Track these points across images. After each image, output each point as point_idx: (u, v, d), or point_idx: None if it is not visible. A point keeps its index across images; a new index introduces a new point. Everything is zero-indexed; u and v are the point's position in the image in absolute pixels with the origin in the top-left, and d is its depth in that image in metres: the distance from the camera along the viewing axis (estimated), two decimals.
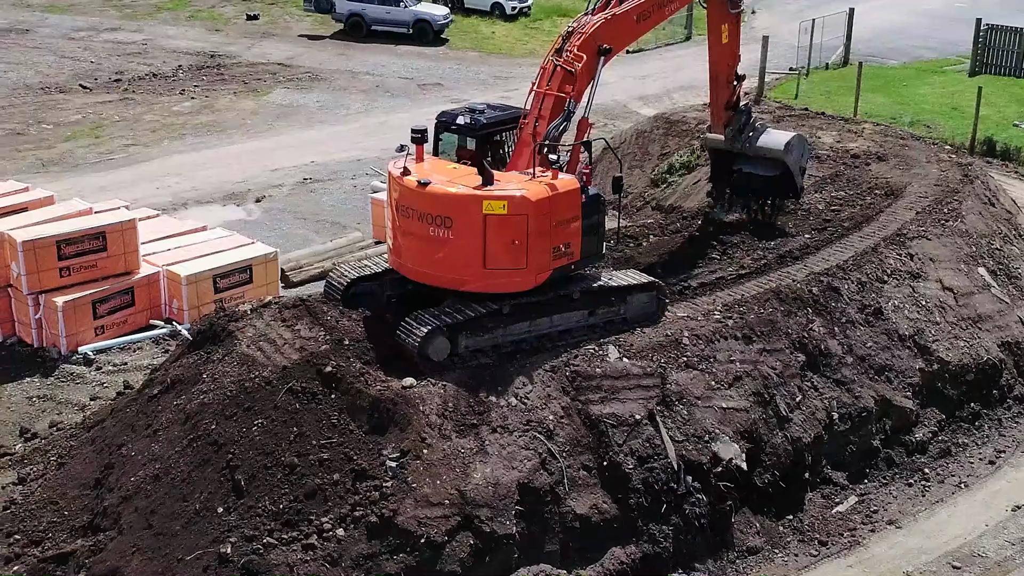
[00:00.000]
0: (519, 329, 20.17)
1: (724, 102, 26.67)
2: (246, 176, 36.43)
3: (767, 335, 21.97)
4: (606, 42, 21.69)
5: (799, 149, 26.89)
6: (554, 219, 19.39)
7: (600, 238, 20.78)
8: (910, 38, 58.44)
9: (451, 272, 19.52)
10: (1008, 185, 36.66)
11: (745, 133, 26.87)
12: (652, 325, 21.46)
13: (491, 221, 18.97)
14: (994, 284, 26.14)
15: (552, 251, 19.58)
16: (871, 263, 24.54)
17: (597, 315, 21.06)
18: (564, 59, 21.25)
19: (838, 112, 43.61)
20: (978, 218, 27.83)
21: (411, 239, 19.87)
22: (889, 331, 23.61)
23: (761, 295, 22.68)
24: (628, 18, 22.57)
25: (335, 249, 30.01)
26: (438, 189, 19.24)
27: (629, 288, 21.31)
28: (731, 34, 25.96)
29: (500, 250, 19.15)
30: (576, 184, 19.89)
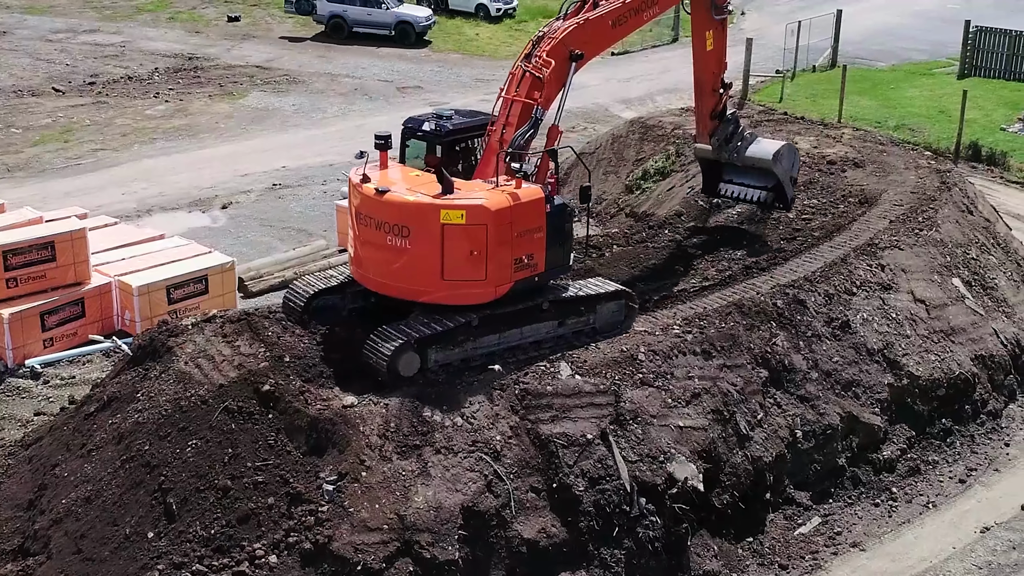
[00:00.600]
0: (489, 341, 19.66)
1: (709, 111, 26.03)
2: (215, 181, 35.74)
3: (728, 350, 21.26)
4: (578, 47, 21.07)
5: (789, 158, 26.24)
6: (516, 229, 18.88)
7: (567, 249, 20.23)
8: (900, 40, 57.73)
9: (409, 283, 19.05)
10: (992, 191, 36.04)
11: (733, 143, 26.20)
12: (621, 334, 20.96)
13: (449, 231, 18.49)
14: (968, 295, 25.43)
15: (514, 262, 19.08)
16: (840, 274, 23.84)
17: (567, 325, 20.56)
18: (533, 64, 20.69)
19: (823, 116, 42.95)
20: (954, 227, 27.12)
21: (370, 248, 19.37)
22: (857, 345, 22.90)
23: (723, 308, 21.97)
24: (602, 23, 21.93)
25: (297, 258, 29.32)
26: (395, 197, 18.75)
27: (598, 297, 20.76)
28: (716, 40, 25.28)
29: (458, 261, 18.65)
30: (540, 193, 19.33)
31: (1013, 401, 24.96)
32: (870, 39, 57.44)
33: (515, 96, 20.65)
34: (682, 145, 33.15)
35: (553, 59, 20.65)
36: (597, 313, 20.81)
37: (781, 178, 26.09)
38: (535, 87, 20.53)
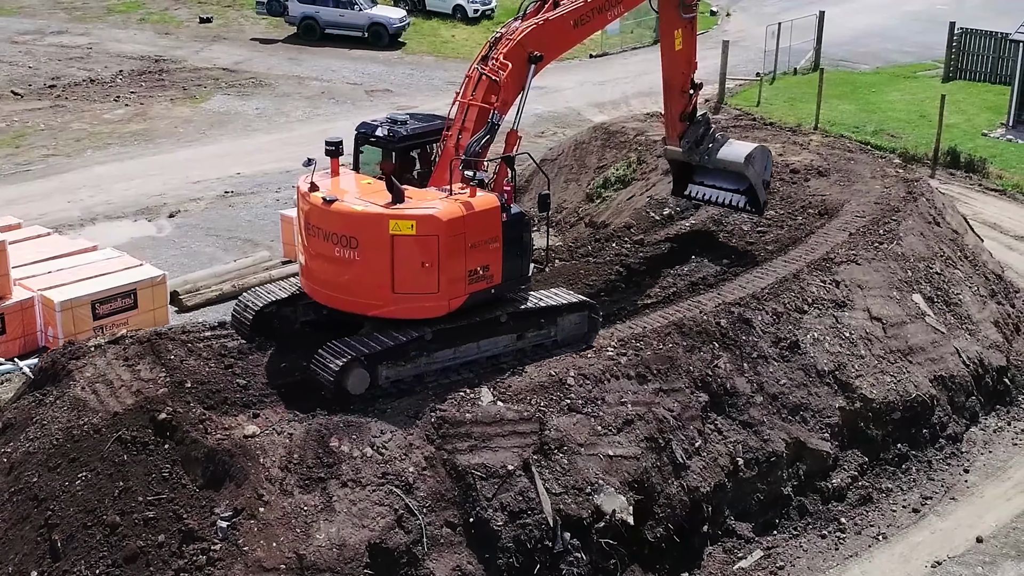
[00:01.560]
0: (443, 356, 18.94)
1: (679, 113, 25.11)
2: (166, 189, 34.67)
3: (665, 373, 20.12)
4: (537, 49, 20.25)
5: (761, 161, 25.27)
6: (469, 240, 18.21)
7: (525, 260, 19.47)
8: (887, 41, 56.57)
9: (358, 296, 18.32)
10: (969, 199, 34.96)
11: (704, 145, 25.22)
12: (586, 348, 20.22)
13: (399, 242, 17.76)
14: (929, 312, 24.26)
15: (468, 274, 18.38)
16: (791, 291, 22.70)
17: (526, 339, 19.79)
18: (489, 67, 19.91)
19: (799, 120, 41.89)
20: (918, 239, 25.96)
21: (318, 260, 18.61)
22: (806, 366, 21.76)
23: (662, 329, 20.84)
24: (564, 23, 21.07)
25: (237, 270, 28.20)
26: (343, 207, 18.06)
27: (559, 309, 20.02)
28: (685, 40, 24.37)
29: (409, 273, 17.94)
30: (495, 202, 18.60)
31: (975, 424, 23.80)
32: (856, 41, 56.29)
33: (471, 100, 19.86)
34: (644, 152, 32.06)
35: (511, 61, 19.87)
36: (558, 325, 20.08)
37: (753, 182, 25.07)
38: (491, 91, 19.78)
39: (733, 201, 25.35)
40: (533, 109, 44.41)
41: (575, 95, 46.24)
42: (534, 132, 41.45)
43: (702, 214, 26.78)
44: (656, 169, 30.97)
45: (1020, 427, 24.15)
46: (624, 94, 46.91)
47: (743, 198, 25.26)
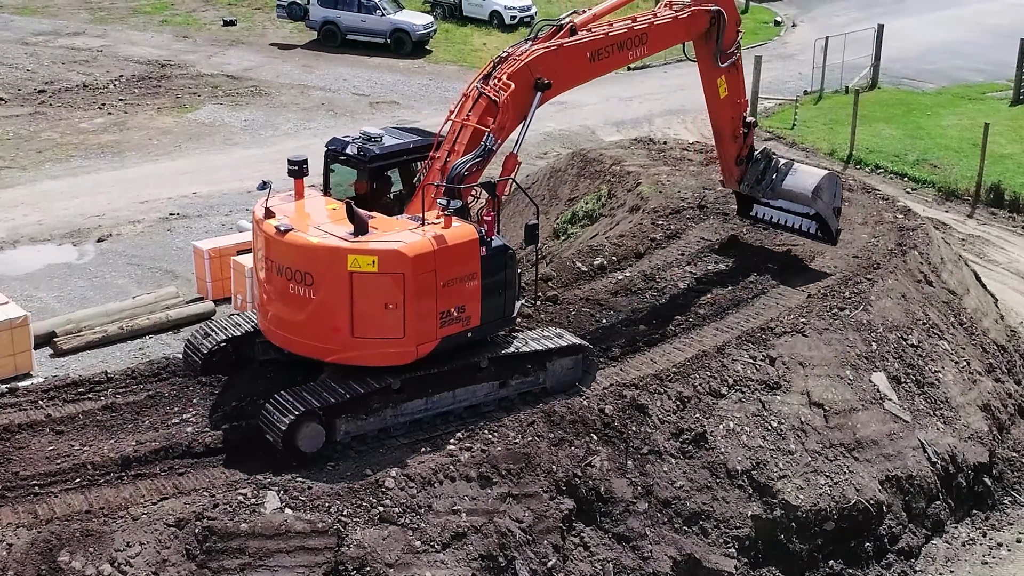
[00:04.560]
0: (414, 408, 16.91)
1: (733, 158, 22.97)
2: (108, 208, 32.00)
3: (518, 474, 16.54)
4: (545, 76, 18.30)
5: (830, 190, 22.73)
6: (441, 277, 16.26)
7: (508, 299, 17.32)
8: (959, 57, 51.66)
9: (314, 339, 16.41)
10: (1006, 245, 30.70)
11: (767, 179, 22.87)
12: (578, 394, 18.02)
13: (358, 280, 15.84)
14: (891, 396, 20.22)
15: (439, 316, 16.38)
16: (707, 370, 18.90)
17: (511, 386, 17.77)
18: (490, 86, 17.88)
19: (834, 147, 37.78)
20: (894, 304, 21.88)
21: (272, 297, 16.80)
22: (714, 464, 17.96)
23: (523, 418, 17.24)
24: (579, 54, 18.98)
25: (131, 308, 25.22)
26: (297, 238, 16.18)
27: (548, 353, 17.85)
28: (730, 86, 22.22)
29: (371, 315, 16.00)
30: (473, 234, 16.61)
31: (938, 534, 19.72)
32: (924, 56, 51.55)
33: (465, 120, 17.80)
34: (616, 185, 28.33)
35: (514, 83, 17.84)
36: (548, 371, 18.03)
37: (823, 213, 22.69)
38: (489, 112, 17.77)
39: (803, 227, 23.25)
40: (544, 127, 41.02)
41: (595, 112, 42.53)
42: (536, 152, 38.05)
43: (643, 265, 22.99)
44: (624, 205, 27.29)
45: (998, 539, 19.97)
46: (649, 112, 43.03)
47: (813, 224, 23.07)
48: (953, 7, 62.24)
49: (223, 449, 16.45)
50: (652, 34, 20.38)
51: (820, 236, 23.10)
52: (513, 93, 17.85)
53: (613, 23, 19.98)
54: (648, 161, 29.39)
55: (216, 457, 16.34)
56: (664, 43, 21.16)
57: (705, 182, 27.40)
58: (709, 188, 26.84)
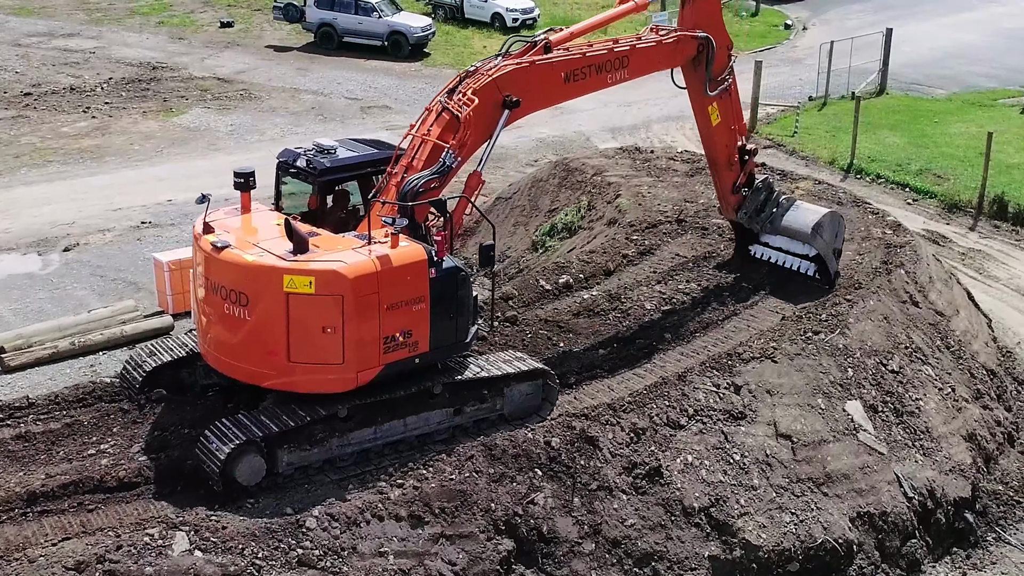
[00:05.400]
0: (362, 437, 16.03)
1: (729, 187, 21.78)
2: (79, 216, 31.08)
3: (452, 513, 15.50)
4: (514, 93, 17.43)
5: (831, 229, 21.68)
6: (385, 300, 15.37)
7: (461, 324, 16.43)
8: (973, 62, 50.27)
9: (251, 363, 15.59)
10: (1008, 260, 29.55)
11: (767, 212, 21.82)
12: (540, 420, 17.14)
13: (295, 302, 15.03)
14: (867, 426, 19.07)
15: (383, 342, 15.44)
16: (665, 399, 17.81)
17: (465, 413, 16.91)
18: (454, 101, 16.98)
19: (835, 155, 36.53)
20: (875, 326, 20.72)
21: (209, 318, 16.03)
22: (669, 501, 16.88)
23: (462, 452, 16.17)
24: (552, 73, 18.06)
25: (85, 323, 24.27)
26: (232, 256, 15.42)
27: (505, 379, 17.02)
28: (723, 113, 21.20)
29: (307, 339, 15.16)
30: (421, 255, 15.71)
31: (914, 575, 18.46)
32: (936, 61, 50.20)
33: (425, 135, 16.98)
34: (596, 196, 27.22)
35: (479, 98, 17.00)
36: (506, 397, 17.16)
37: (823, 253, 21.51)
38: (450, 127, 16.96)
39: (801, 268, 22.12)
40: (537, 133, 39.96)
41: (591, 117, 41.41)
42: (526, 160, 36.98)
43: (611, 283, 21.91)
44: (603, 218, 26.21)
45: None
46: (648, 118, 41.87)
47: (812, 265, 21.92)
48: (970, 10, 60.87)
49: (139, 483, 15.47)
50: (634, 58, 19.36)
51: (818, 278, 21.95)
52: (477, 109, 16.96)
53: (593, 43, 18.94)
54: (631, 171, 28.30)
55: (131, 492, 15.38)
56: (647, 68, 20.03)
57: (687, 194, 26.30)
58: (690, 201, 25.76)
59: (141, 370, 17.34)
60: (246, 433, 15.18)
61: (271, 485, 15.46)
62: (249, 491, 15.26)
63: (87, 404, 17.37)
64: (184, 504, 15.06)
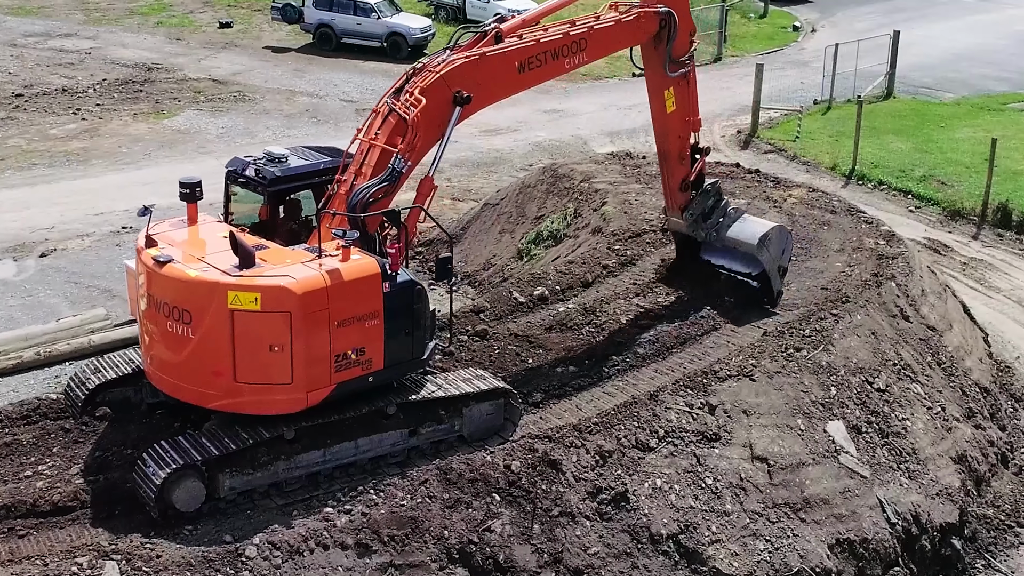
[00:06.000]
0: (311, 459, 15.31)
1: (678, 183, 20.79)
2: (60, 220, 30.49)
3: (402, 541, 14.76)
4: (465, 89, 16.57)
5: (779, 244, 20.79)
6: (336, 316, 14.71)
7: (417, 340, 15.81)
8: (984, 65, 49.34)
9: (195, 383, 14.95)
10: (1012, 270, 28.85)
11: (713, 219, 20.87)
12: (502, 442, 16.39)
13: (240, 319, 14.37)
14: (849, 448, 18.25)
15: (334, 360, 14.81)
16: (635, 419, 17.04)
17: (422, 435, 16.21)
18: (401, 102, 16.17)
19: (837, 160, 35.68)
20: (862, 342, 19.89)
21: (152, 336, 15.37)
22: (635, 528, 16.11)
23: (415, 476, 15.41)
24: (505, 64, 17.16)
25: (53, 332, 23.64)
26: (174, 271, 14.74)
27: (465, 398, 16.38)
28: (679, 99, 20.24)
29: (253, 358, 14.51)
30: (374, 268, 15.08)
31: None
32: (946, 64, 49.29)
33: (372, 139, 16.21)
34: (582, 203, 26.46)
35: (427, 98, 16.18)
36: (465, 417, 16.52)
37: (767, 268, 20.59)
38: (398, 131, 16.14)
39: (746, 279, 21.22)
40: (534, 136, 39.25)
41: (590, 120, 40.66)
42: (521, 164, 36.27)
43: (588, 296, 21.14)
44: (588, 226, 25.45)
45: None
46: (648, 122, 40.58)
47: (756, 283, 20.85)
48: (983, 12, 59.94)
49: (75, 507, 14.78)
50: (592, 39, 18.51)
51: (763, 300, 20.95)
52: (425, 109, 16.14)
53: (548, 28, 18.13)
54: (620, 178, 27.52)
55: (65, 517, 14.68)
56: (607, 49, 19.26)
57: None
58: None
59: (84, 388, 16.63)
60: (184, 457, 14.46)
61: (212, 510, 14.73)
62: (188, 517, 14.51)
63: (31, 421, 16.70)
64: (120, 530, 14.35)
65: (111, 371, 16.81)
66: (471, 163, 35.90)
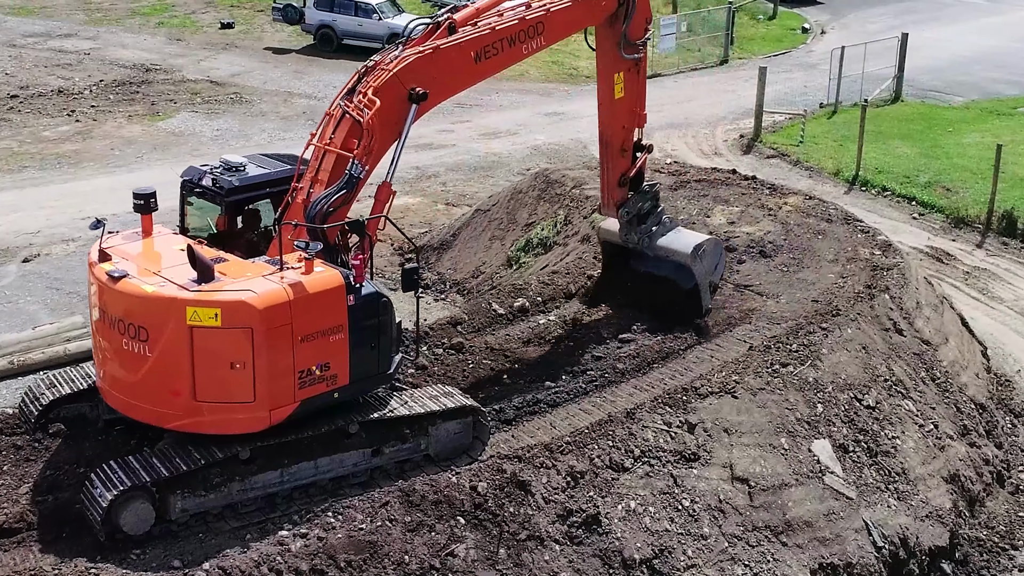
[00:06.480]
0: (267, 480, 14.76)
1: (617, 176, 20.16)
2: (47, 224, 30.04)
3: (359, 567, 14.21)
4: (420, 85, 16.01)
5: (712, 257, 20.34)
6: (299, 331, 14.21)
7: (384, 353, 15.29)
8: (995, 69, 48.57)
9: (152, 403, 14.40)
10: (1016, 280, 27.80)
11: (647, 225, 20.17)
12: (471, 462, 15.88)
13: (200, 336, 13.86)
14: (835, 468, 17.60)
15: (299, 376, 14.31)
16: (609, 438, 16.41)
17: (385, 454, 15.65)
18: (354, 104, 15.49)
19: (840, 166, 35.00)
20: (851, 358, 19.26)
21: (106, 353, 14.85)
22: (607, 552, 15.51)
23: (376, 498, 14.83)
24: (461, 55, 16.59)
25: (28, 340, 23.14)
26: (129, 286, 14.19)
27: (431, 416, 15.80)
28: (628, 87, 19.64)
29: (215, 376, 14.02)
30: (338, 281, 14.57)
31: None
32: (956, 67, 48.52)
33: (327, 145, 15.67)
34: (573, 210, 25.88)
35: (380, 98, 15.58)
36: (431, 436, 15.94)
37: (699, 280, 19.94)
38: (354, 133, 15.58)
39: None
40: (532, 139, 38.63)
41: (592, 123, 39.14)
42: (518, 169, 35.61)
43: (570, 308, 20.54)
44: (577, 234, 24.88)
45: None
46: (649, 125, 39.24)
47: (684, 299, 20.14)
48: (997, 15, 59.11)
49: (21, 529, 14.26)
50: (550, 22, 17.97)
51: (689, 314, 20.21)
52: (380, 111, 15.57)
53: (504, 13, 17.51)
54: None
55: (10, 540, 14.17)
56: (565, 31, 18.75)
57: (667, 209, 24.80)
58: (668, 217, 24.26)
59: (38, 403, 16.10)
60: (133, 478, 13.92)
61: (163, 533, 14.18)
62: (136, 541, 13.97)
63: None
64: (66, 554, 13.82)
65: (66, 386, 16.28)
66: (468, 167, 35.31)
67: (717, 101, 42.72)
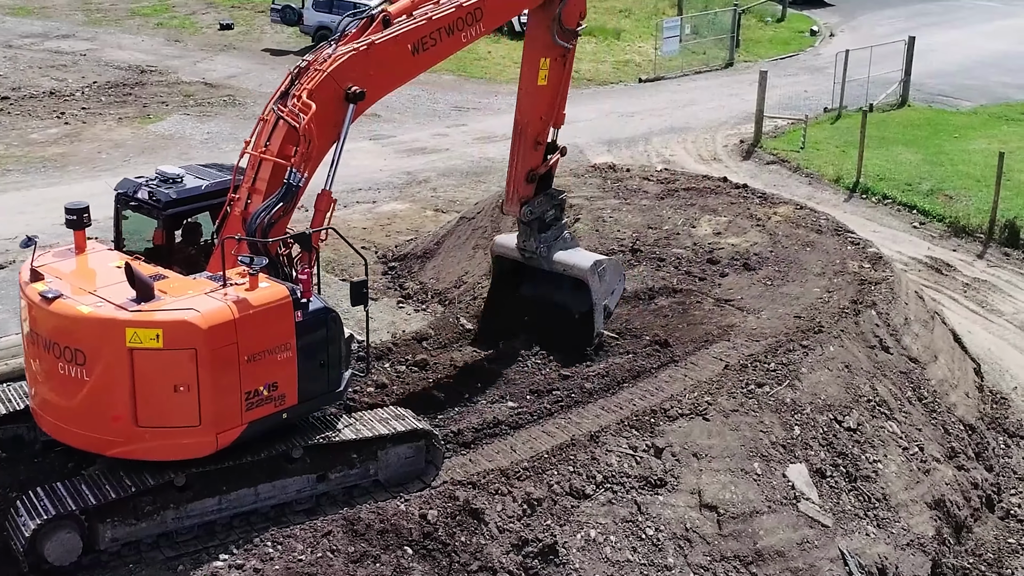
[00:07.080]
0: (205, 507, 14.12)
1: (526, 171, 19.31)
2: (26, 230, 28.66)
3: None
4: (357, 83, 15.33)
5: (612, 277, 19.12)
6: (245, 350, 13.61)
7: (334, 370, 14.76)
8: (1006, 73, 47.68)
9: (91, 429, 13.68)
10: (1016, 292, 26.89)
11: (549, 234, 19.14)
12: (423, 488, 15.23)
13: (140, 358, 13.19)
14: (811, 494, 16.84)
15: (245, 397, 13.74)
16: (570, 463, 15.70)
17: (331, 480, 14.96)
18: (288, 109, 14.93)
19: (841, 173, 34.18)
20: (833, 377, 18.49)
21: (40, 376, 14.12)
22: None
23: (318, 527, 14.14)
24: (397, 49, 15.86)
25: None
26: (64, 307, 13.42)
27: (381, 440, 15.14)
28: (552, 76, 18.63)
29: (157, 400, 13.36)
30: (284, 296, 13.93)
31: None
32: (966, 71, 47.63)
33: (262, 152, 15.00)
34: None
35: (316, 101, 14.85)
36: (380, 461, 15.28)
37: (595, 300, 18.76)
38: (290, 139, 14.89)
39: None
40: None
41: (589, 128, 39.22)
42: None
43: None
44: None
45: None
46: (649, 130, 39.59)
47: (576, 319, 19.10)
48: (1009, 17, 58.18)
49: None
50: (487, 8, 17.14)
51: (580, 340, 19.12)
52: (316, 116, 14.81)
53: (440, 1, 16.72)
54: (598, 192, 26.19)
55: None
56: (504, 15, 18.21)
57: (652, 219, 24.17)
58: (653, 227, 23.64)
59: None
60: (58, 506, 13.26)
61: (92, 563, 13.53)
62: (63, 571, 13.33)
63: None
64: None
65: (1, 406, 15.61)
66: (460, 172, 34.64)
67: (719, 105, 41.94)
